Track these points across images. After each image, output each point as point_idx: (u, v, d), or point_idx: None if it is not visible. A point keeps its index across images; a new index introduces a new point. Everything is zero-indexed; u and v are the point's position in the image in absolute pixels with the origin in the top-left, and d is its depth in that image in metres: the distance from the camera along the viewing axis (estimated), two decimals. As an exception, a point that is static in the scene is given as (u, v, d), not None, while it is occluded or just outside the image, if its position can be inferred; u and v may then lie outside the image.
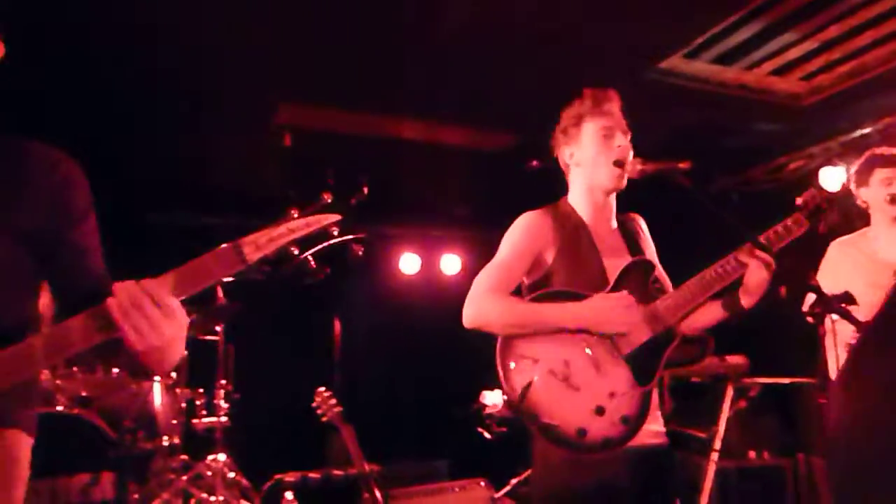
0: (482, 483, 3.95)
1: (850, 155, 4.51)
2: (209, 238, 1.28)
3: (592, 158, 2.21)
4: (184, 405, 3.95)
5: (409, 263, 6.32)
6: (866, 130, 4.42)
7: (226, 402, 4.16)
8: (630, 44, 3.40)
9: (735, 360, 4.44)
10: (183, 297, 1.19)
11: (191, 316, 3.65)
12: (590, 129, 2.22)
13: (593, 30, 3.25)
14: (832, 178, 4.58)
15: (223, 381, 4.23)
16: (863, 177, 3.12)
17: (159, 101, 3.91)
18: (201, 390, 4.20)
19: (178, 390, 3.96)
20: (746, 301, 2.13)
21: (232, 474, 4.03)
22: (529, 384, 1.99)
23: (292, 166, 4.67)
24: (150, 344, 1.16)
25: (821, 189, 2.18)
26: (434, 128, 4.47)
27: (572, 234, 2.18)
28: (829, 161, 4.64)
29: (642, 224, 2.40)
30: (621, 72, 3.68)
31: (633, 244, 2.27)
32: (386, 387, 6.05)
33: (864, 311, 3.00)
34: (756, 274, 2.07)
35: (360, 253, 1.34)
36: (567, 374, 2.01)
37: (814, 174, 4.72)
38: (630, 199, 2.32)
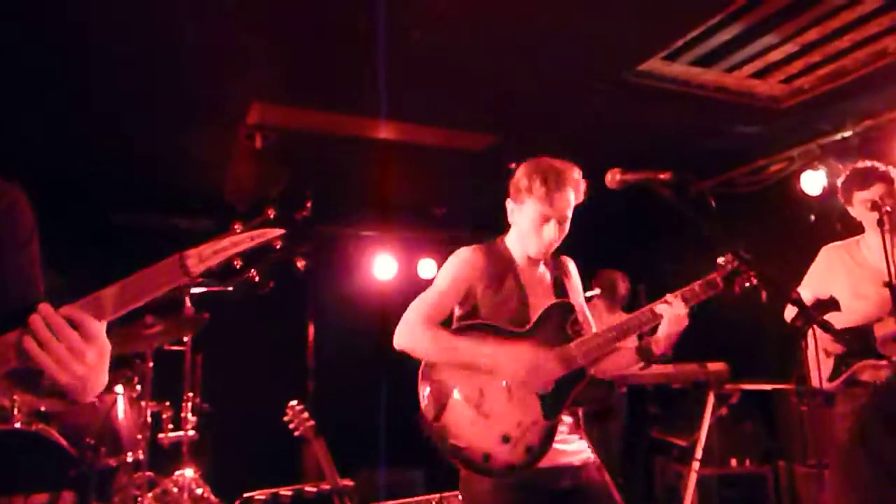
0: (460, 496, 3.92)
1: (830, 158, 4.57)
2: (178, 240, 1.30)
3: (525, 231, 2.35)
4: (149, 419, 3.87)
5: (385, 267, 6.28)
6: (847, 133, 4.47)
7: (193, 414, 4.10)
8: (609, 45, 3.41)
9: (716, 366, 4.48)
10: (126, 310, 1.19)
11: (157, 327, 3.60)
12: (530, 207, 2.32)
13: (572, 31, 3.25)
14: (812, 181, 4.64)
15: (190, 394, 4.16)
16: (847, 196, 3.23)
17: (126, 100, 3.83)
18: (168, 403, 4.13)
19: (142, 403, 3.87)
20: (658, 348, 2.28)
21: (200, 490, 3.98)
22: (443, 406, 2.18)
23: (264, 167, 4.63)
24: (73, 373, 1.15)
25: (739, 254, 2.24)
26: (411, 128, 4.45)
27: (502, 273, 2.35)
28: (809, 164, 4.70)
29: (572, 267, 2.57)
30: (600, 73, 3.69)
31: (559, 287, 2.44)
32: (361, 395, 6.00)
33: (849, 317, 3.05)
34: (666, 326, 2.23)
35: (302, 268, 1.36)
36: (480, 402, 2.19)
37: (794, 177, 4.78)
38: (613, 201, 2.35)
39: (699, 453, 4.22)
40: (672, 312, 2.22)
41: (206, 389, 4.27)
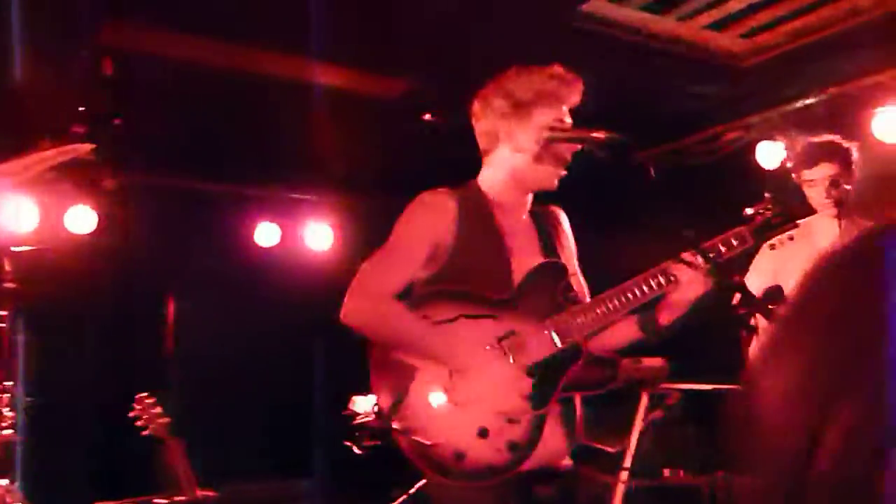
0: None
1: (791, 128, 4.81)
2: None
3: (536, 154, 2.23)
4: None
5: (265, 233, 6.20)
6: (811, 100, 4.71)
7: (11, 410, 3.93)
8: (548, -21, 3.46)
9: (652, 362, 4.65)
10: None
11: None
12: (542, 119, 2.22)
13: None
14: (770, 154, 4.87)
15: (8, 383, 3.98)
16: (796, 174, 3.48)
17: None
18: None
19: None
20: (665, 317, 2.25)
21: (19, 504, 3.83)
22: (403, 394, 2.05)
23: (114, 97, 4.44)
24: None
25: (777, 198, 2.28)
26: (306, 65, 4.38)
27: (478, 223, 2.24)
28: (768, 134, 4.92)
29: (562, 220, 2.47)
30: (536, 14, 3.73)
31: (548, 243, 2.35)
32: (232, 389, 5.92)
33: None
34: (688, 290, 2.18)
35: (110, 188, 1.60)
36: (450, 386, 2.08)
37: (750, 148, 5.00)
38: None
39: (628, 461, 4.38)
40: (689, 274, 2.16)
41: (29, 379, 4.11)
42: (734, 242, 2.23)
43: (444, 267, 2.20)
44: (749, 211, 2.29)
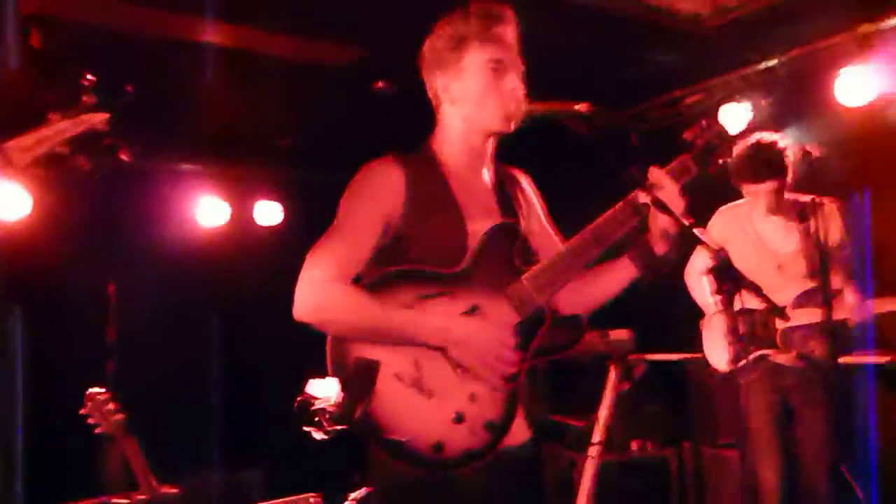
0: (311, 499, 3.91)
1: (753, 91, 4.84)
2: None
3: (476, 98, 2.17)
4: None
5: (211, 212, 6.14)
6: (772, 63, 4.74)
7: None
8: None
9: (618, 334, 4.67)
10: None
11: None
12: (475, 60, 2.16)
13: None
14: (733, 116, 4.89)
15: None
16: (735, 180, 3.77)
17: None
18: None
19: None
20: (659, 246, 2.15)
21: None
22: (370, 394, 1.97)
23: (43, 71, 4.28)
24: None
25: (711, 122, 2.26)
26: (249, 33, 4.26)
27: (429, 190, 2.16)
28: (729, 97, 4.95)
29: (525, 183, 2.41)
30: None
31: (507, 205, 2.28)
32: (179, 376, 5.82)
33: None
34: (671, 203, 2.07)
35: (128, 159, 1.67)
36: (417, 377, 2.02)
37: (712, 111, 5.02)
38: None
39: (597, 436, 4.41)
40: (663, 191, 2.08)
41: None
42: (677, 172, 2.18)
43: (395, 241, 2.13)
44: (688, 135, 2.25)
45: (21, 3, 3.73)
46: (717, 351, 3.97)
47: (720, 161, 2.26)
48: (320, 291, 2.03)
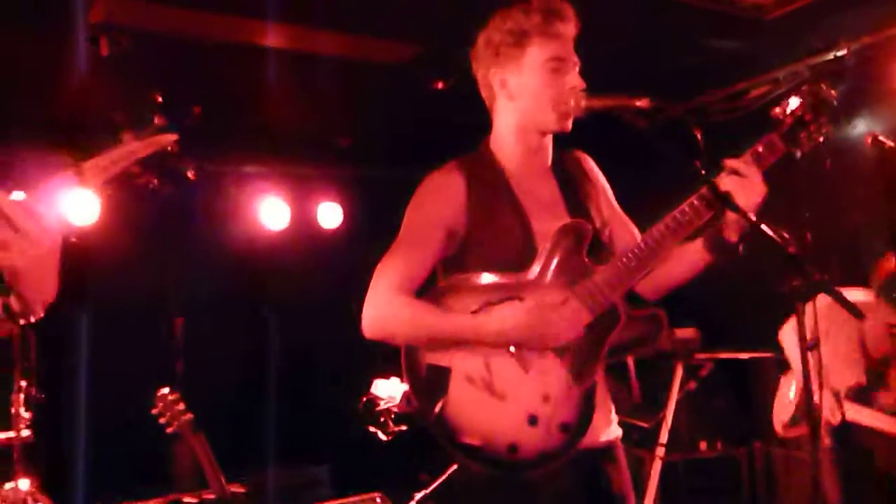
0: (378, 499, 3.95)
1: (821, 81, 4.72)
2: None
3: (534, 95, 2.17)
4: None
5: (274, 214, 6.19)
6: (841, 52, 4.61)
7: (28, 410, 3.92)
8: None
9: (684, 333, 4.63)
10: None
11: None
12: (534, 56, 2.16)
13: None
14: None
15: (23, 383, 3.97)
16: None
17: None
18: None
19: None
20: (731, 234, 2.12)
21: (39, 505, 3.83)
22: (443, 396, 2.02)
23: (112, 81, 4.39)
24: (22, 253, 1.49)
25: (806, 93, 2.20)
26: (307, 34, 4.31)
27: (491, 194, 2.18)
28: (796, 89, 4.83)
29: (587, 164, 2.39)
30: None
31: (573, 197, 2.26)
32: (247, 377, 5.93)
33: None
34: (743, 198, 2.04)
35: (193, 177, 1.72)
36: (489, 379, 2.04)
37: (778, 104, 4.91)
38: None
39: (664, 436, 4.38)
40: (744, 180, 2.04)
41: (42, 375, 4.09)
42: (762, 151, 2.12)
43: (462, 247, 2.15)
44: (777, 111, 2.19)
45: (91, 12, 3.83)
46: (779, 408, 3.94)
47: (816, 138, 2.18)
48: (383, 307, 2.09)
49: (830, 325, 3.60)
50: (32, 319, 1.70)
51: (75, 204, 4.75)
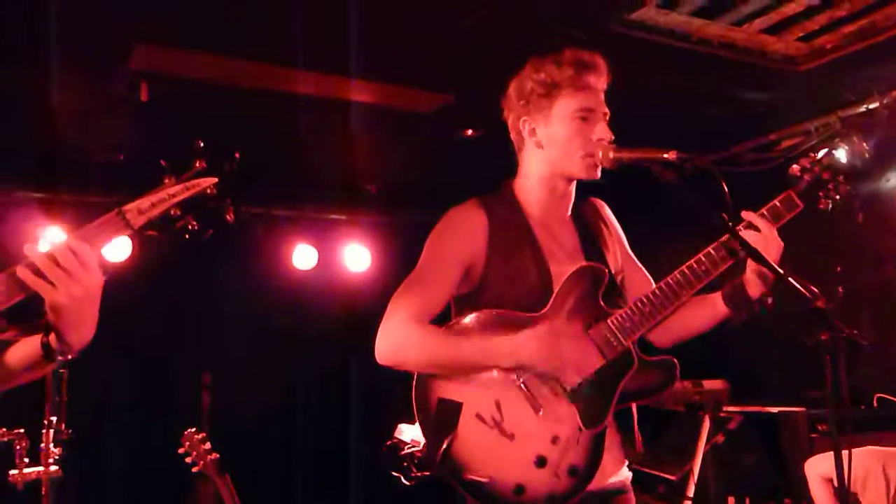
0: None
1: (853, 133, 4.75)
2: (53, 215, 1.55)
3: (562, 145, 2.23)
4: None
5: (303, 256, 6.26)
6: (873, 104, 4.65)
7: (56, 445, 3.99)
8: (594, -12, 3.46)
9: (713, 385, 4.62)
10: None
11: (9, 332, 3.47)
12: (564, 107, 2.22)
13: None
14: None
15: (53, 418, 4.04)
16: None
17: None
18: (21, 430, 4.00)
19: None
20: (754, 289, 2.15)
21: (64, 542, 3.88)
22: (452, 432, 2.03)
23: (150, 125, 4.52)
24: (69, 293, 1.56)
25: (822, 156, 2.25)
26: (338, 82, 4.40)
27: (511, 234, 2.22)
28: (828, 140, 4.86)
29: (604, 211, 2.45)
30: (583, 22, 3.73)
31: (591, 244, 2.32)
32: (272, 418, 5.96)
33: None
34: (768, 249, 2.08)
35: (231, 220, 1.76)
36: (498, 418, 2.06)
37: (807, 156, 4.94)
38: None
39: (691, 490, 4.35)
40: (759, 234, 2.09)
41: (72, 412, 4.16)
42: (780, 207, 2.18)
43: (478, 286, 2.20)
44: (795, 168, 2.24)
45: (132, 60, 3.96)
46: None
47: (834, 196, 2.24)
48: (396, 334, 2.12)
49: (867, 474, 3.68)
50: (70, 357, 1.75)
51: (113, 244, 4.91)
